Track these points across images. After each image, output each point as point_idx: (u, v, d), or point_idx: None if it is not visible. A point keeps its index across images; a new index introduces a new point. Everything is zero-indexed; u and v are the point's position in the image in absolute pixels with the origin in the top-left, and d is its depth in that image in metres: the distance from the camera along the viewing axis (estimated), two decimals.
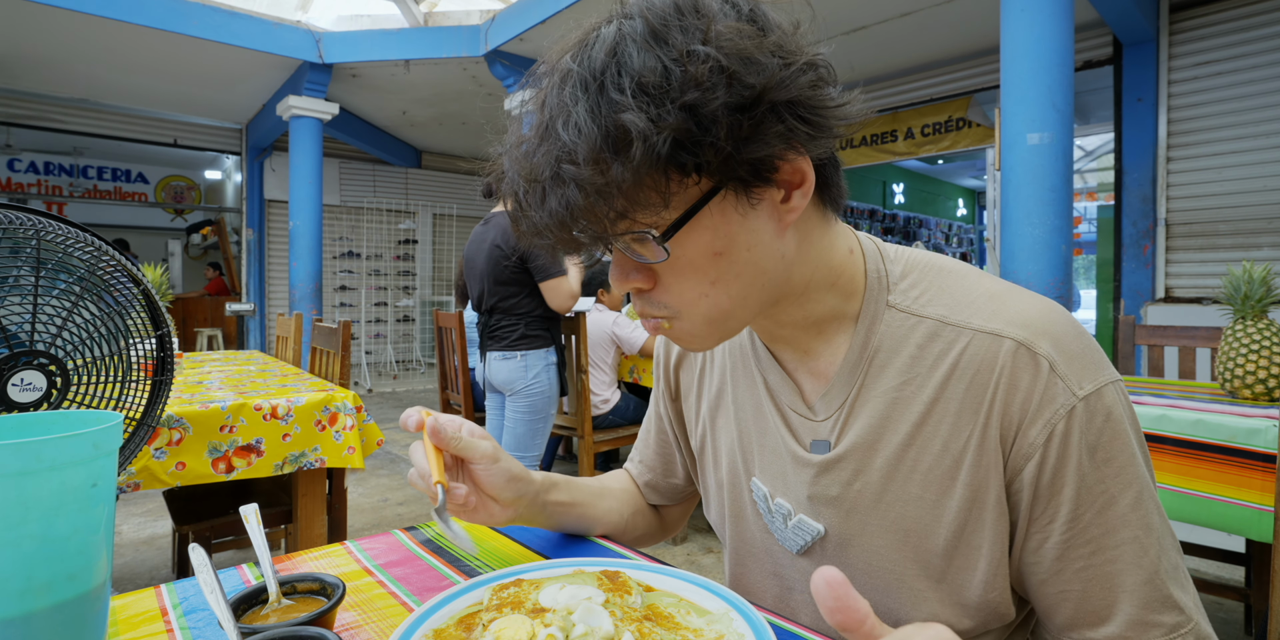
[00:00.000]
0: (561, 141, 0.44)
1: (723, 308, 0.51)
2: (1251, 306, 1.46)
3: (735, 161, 0.45)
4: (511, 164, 0.49)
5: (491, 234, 2.38)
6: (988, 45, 4.83)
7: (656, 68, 0.42)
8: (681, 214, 0.47)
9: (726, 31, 0.43)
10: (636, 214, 0.46)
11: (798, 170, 0.49)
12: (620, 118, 0.42)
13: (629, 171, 0.43)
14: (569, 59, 0.46)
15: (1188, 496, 1.29)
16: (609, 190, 0.44)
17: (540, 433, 2.48)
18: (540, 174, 0.45)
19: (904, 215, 9.75)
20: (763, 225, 0.50)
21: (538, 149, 0.46)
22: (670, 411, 0.77)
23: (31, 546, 0.39)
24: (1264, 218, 3.84)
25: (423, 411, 0.60)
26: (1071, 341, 0.52)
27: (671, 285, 0.51)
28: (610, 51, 0.44)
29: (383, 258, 8.63)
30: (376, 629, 0.52)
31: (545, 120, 0.46)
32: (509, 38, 4.92)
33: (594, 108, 0.43)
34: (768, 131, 0.45)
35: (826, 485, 0.58)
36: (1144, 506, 0.50)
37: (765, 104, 0.44)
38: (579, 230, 0.46)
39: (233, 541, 2.12)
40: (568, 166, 0.44)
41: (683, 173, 0.45)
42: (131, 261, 1.05)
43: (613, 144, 0.43)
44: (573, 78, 0.45)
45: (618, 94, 0.43)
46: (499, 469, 0.60)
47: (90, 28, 4.88)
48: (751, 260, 0.50)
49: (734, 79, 0.43)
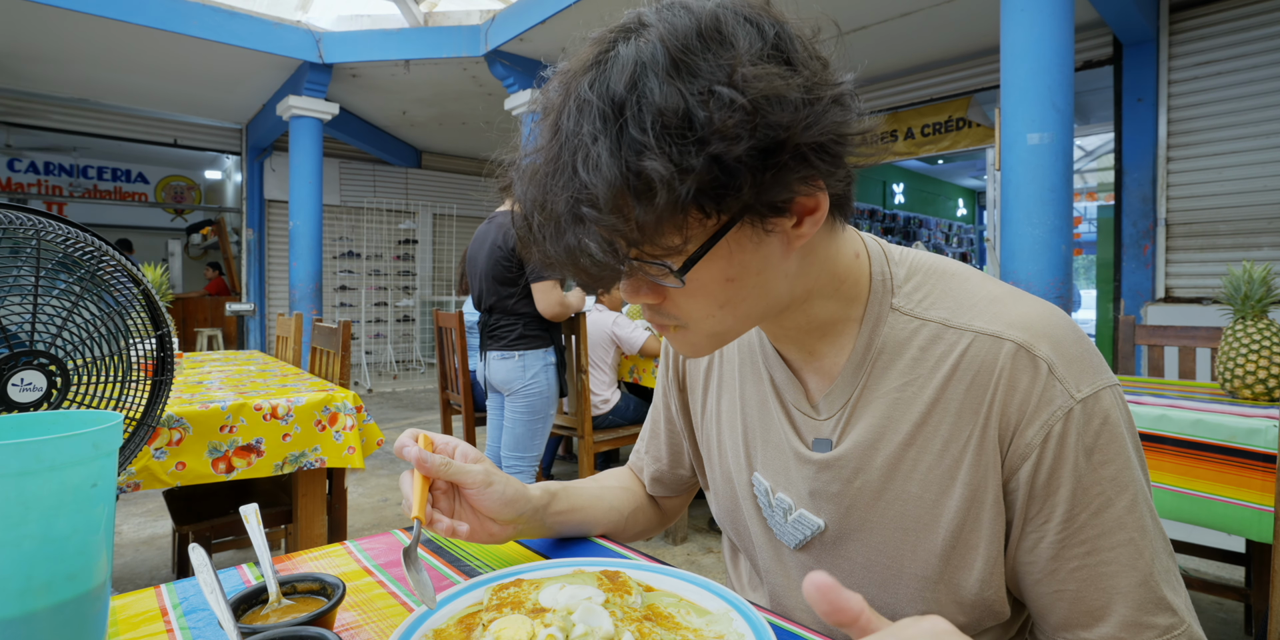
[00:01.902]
0: (581, 181, 0.43)
1: (728, 325, 0.52)
2: (1251, 306, 1.46)
3: (756, 201, 0.45)
4: (523, 183, 0.48)
5: (493, 233, 2.39)
6: (988, 45, 4.83)
7: (679, 107, 0.41)
8: (698, 248, 0.46)
9: (751, 72, 0.42)
10: (653, 249, 0.45)
11: (812, 198, 0.48)
12: (643, 164, 0.41)
13: (650, 215, 0.42)
14: (585, 86, 0.44)
15: (1187, 496, 1.29)
16: (626, 233, 0.43)
17: (540, 433, 2.48)
18: (557, 210, 0.44)
19: (904, 215, 9.75)
20: (773, 251, 0.50)
21: (553, 180, 0.44)
22: (678, 402, 0.78)
23: (31, 546, 0.39)
24: (1264, 218, 3.84)
25: (415, 436, 0.60)
26: (1071, 345, 0.52)
27: (681, 303, 0.51)
28: (630, 84, 0.42)
29: (383, 258, 8.63)
30: (376, 629, 0.52)
31: (560, 150, 0.44)
32: (509, 38, 4.92)
33: (614, 147, 0.42)
34: (791, 175, 0.44)
35: (828, 482, 0.59)
36: (1139, 510, 0.51)
37: (790, 148, 0.43)
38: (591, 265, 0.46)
39: (233, 541, 2.12)
40: (588, 209, 0.43)
41: (704, 214, 0.45)
42: (131, 262, 1.05)
43: (635, 190, 0.42)
44: (591, 109, 0.43)
45: (638, 133, 0.41)
46: (492, 493, 0.60)
47: (90, 28, 4.88)
48: (760, 283, 0.51)
49: (759, 125, 0.42)
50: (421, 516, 0.55)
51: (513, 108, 5.44)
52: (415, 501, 0.56)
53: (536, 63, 5.28)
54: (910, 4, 4.24)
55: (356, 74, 5.95)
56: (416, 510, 0.55)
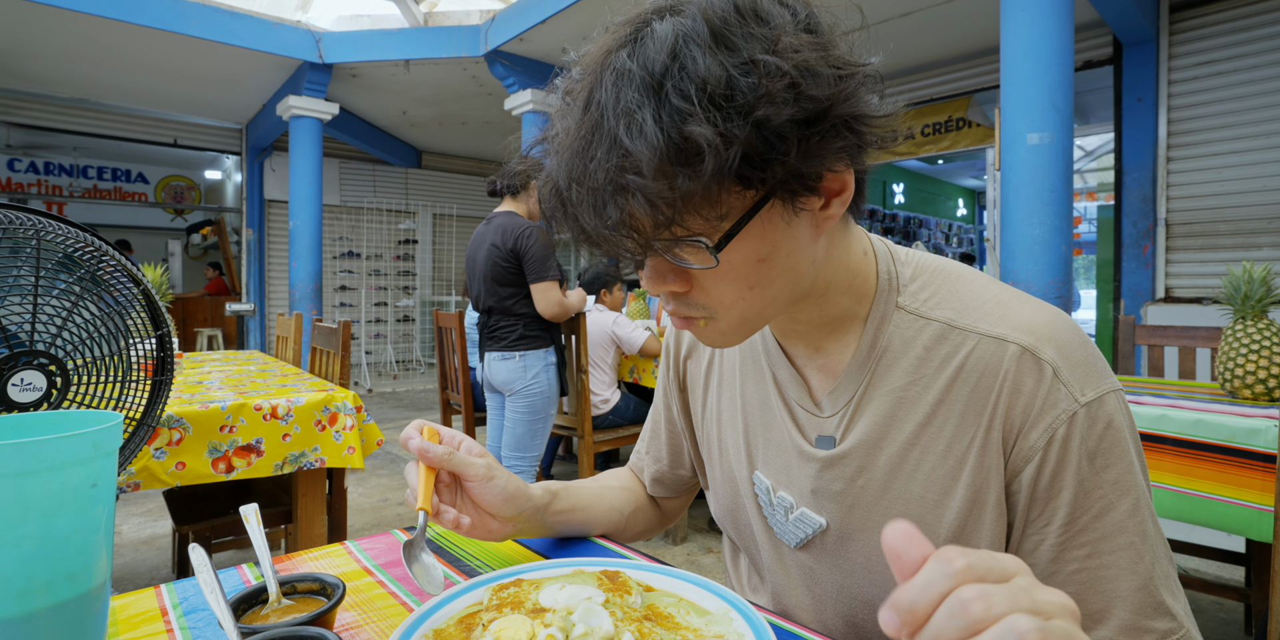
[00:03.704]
0: (624, 148, 0.42)
1: (756, 309, 0.52)
2: (1251, 306, 1.46)
3: (794, 174, 0.45)
4: (559, 162, 0.46)
5: (491, 234, 2.38)
6: (988, 45, 4.83)
7: (722, 76, 0.41)
8: (735, 223, 0.46)
9: (793, 43, 0.43)
10: (691, 223, 0.45)
11: (840, 179, 0.49)
12: (688, 129, 0.41)
13: (696, 184, 0.42)
14: (624, 57, 0.44)
15: (1187, 496, 1.29)
16: (671, 202, 0.43)
17: (540, 433, 2.48)
18: (598, 181, 0.43)
19: (904, 215, 9.75)
20: (803, 232, 0.50)
21: (593, 152, 0.44)
22: (678, 402, 0.78)
23: (31, 546, 0.39)
24: (1264, 218, 3.84)
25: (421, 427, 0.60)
26: (1076, 349, 0.52)
27: (711, 289, 0.50)
28: (671, 52, 0.42)
29: (383, 258, 8.62)
30: (376, 629, 0.52)
31: (600, 121, 0.44)
32: (509, 38, 4.92)
33: (658, 115, 0.41)
34: (830, 146, 0.45)
35: (830, 480, 0.59)
36: (1140, 514, 0.51)
37: (830, 119, 0.44)
38: (629, 236, 0.45)
39: (233, 541, 2.12)
40: (633, 177, 0.42)
41: (745, 186, 0.45)
42: (131, 262, 1.05)
43: (681, 156, 0.42)
44: (632, 77, 0.43)
45: (681, 101, 0.41)
46: (494, 487, 0.60)
47: (90, 28, 4.88)
48: (790, 265, 0.50)
49: (801, 93, 0.42)
50: (427, 507, 0.55)
51: (513, 108, 5.44)
52: (420, 493, 0.56)
53: (536, 63, 5.28)
54: (910, 4, 4.24)
55: (356, 74, 5.95)
56: (422, 501, 0.55)
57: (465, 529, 0.59)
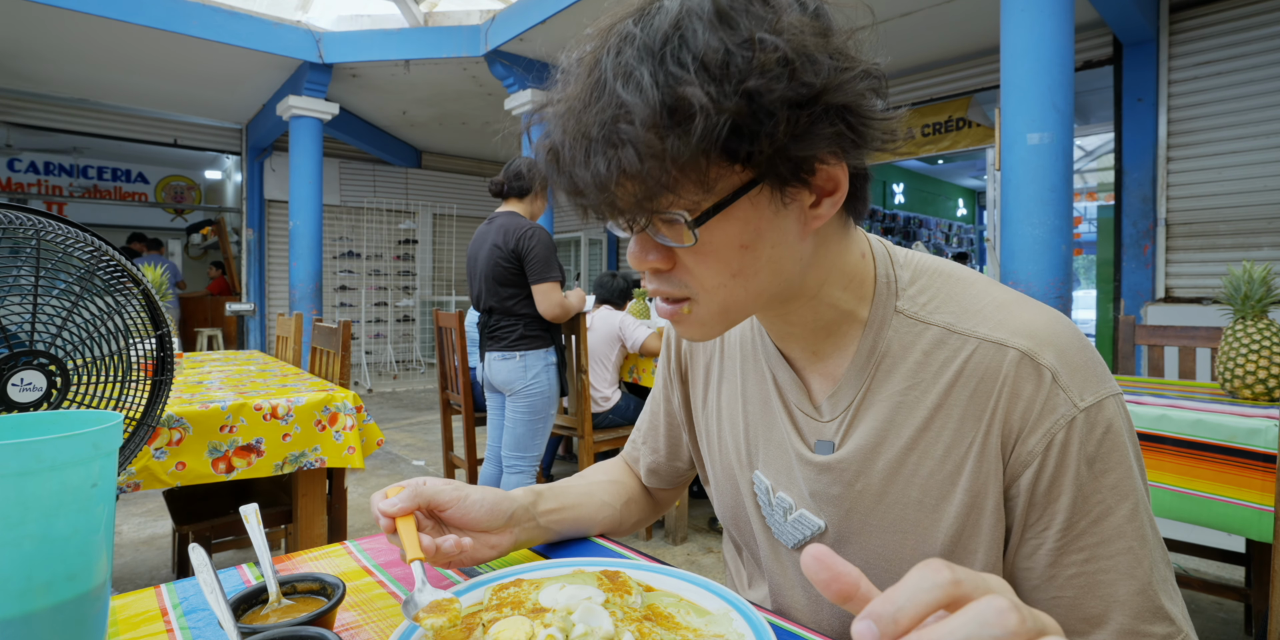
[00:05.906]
0: (620, 100, 0.43)
1: (738, 299, 0.51)
2: (1251, 306, 1.46)
3: (782, 156, 0.45)
4: (557, 120, 0.47)
5: (493, 234, 2.38)
6: (988, 45, 4.83)
7: (719, 50, 0.42)
8: (718, 201, 0.46)
9: (794, 25, 0.43)
10: (679, 192, 0.45)
11: (833, 177, 0.49)
12: (683, 89, 0.42)
13: (685, 146, 0.42)
14: (630, 23, 0.46)
15: (1188, 496, 1.29)
16: (660, 160, 0.43)
17: (540, 433, 2.48)
18: (591, 131, 0.44)
19: (904, 215, 9.75)
20: (789, 226, 0.50)
21: (590, 106, 0.45)
22: (679, 395, 0.77)
23: (31, 546, 0.39)
24: (1264, 218, 3.84)
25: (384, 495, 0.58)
26: (1075, 354, 0.52)
27: (692, 268, 0.50)
28: (674, 24, 0.44)
29: (383, 258, 8.63)
30: (376, 629, 0.52)
31: (600, 78, 0.45)
32: (509, 38, 4.92)
33: (655, 75, 0.43)
34: (819, 132, 0.45)
35: (828, 484, 0.59)
36: (1139, 519, 0.51)
37: (821, 104, 0.44)
38: (616, 195, 0.45)
39: (233, 541, 2.12)
40: (625, 126, 0.43)
41: (731, 159, 0.45)
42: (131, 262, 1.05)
43: (674, 114, 0.42)
44: (634, 41, 0.44)
45: (677, 68, 0.42)
46: (472, 503, 0.60)
47: (90, 28, 4.88)
48: (773, 258, 0.50)
49: (795, 73, 0.43)
50: (419, 555, 0.53)
51: (513, 108, 5.44)
52: (406, 545, 0.53)
53: (536, 63, 5.28)
54: (910, 4, 4.24)
55: (356, 74, 5.95)
56: (411, 552, 0.53)
57: (470, 552, 0.58)
